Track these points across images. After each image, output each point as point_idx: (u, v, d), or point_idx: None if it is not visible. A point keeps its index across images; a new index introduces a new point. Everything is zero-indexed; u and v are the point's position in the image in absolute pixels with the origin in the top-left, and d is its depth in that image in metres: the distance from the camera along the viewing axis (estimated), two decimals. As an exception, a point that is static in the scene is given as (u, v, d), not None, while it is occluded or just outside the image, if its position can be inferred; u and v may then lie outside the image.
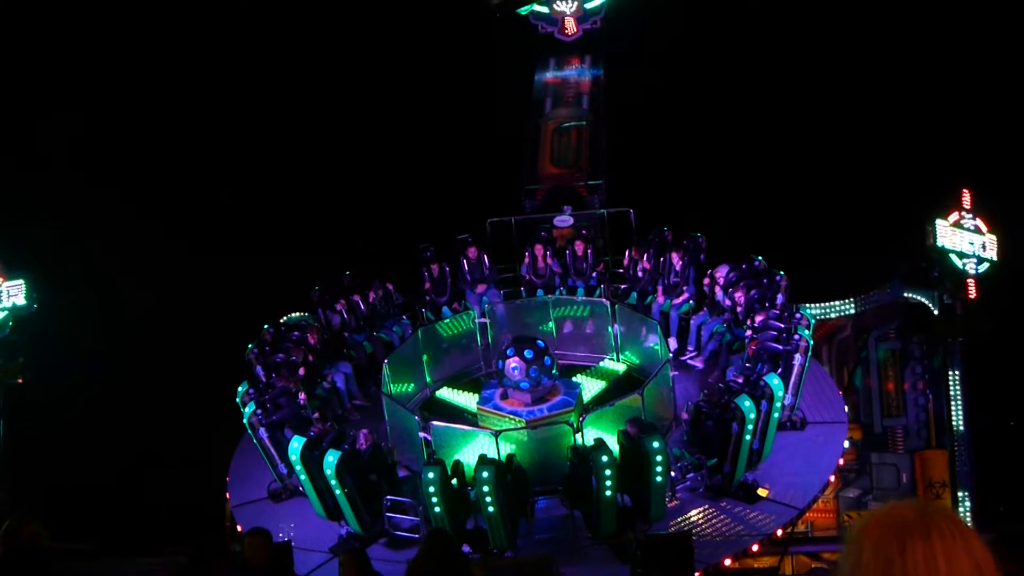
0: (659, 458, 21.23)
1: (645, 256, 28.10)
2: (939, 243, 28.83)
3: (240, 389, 25.05)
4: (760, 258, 26.64)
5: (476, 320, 27.91)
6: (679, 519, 22.32)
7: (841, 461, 25.30)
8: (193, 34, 39.15)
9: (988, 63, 35.11)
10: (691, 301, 27.61)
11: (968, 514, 27.40)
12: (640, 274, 28.19)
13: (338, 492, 22.32)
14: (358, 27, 39.89)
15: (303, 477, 22.88)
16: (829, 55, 36.44)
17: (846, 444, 25.56)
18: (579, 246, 28.61)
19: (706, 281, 27.10)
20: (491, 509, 21.09)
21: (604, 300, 27.75)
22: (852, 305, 29.71)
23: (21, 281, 29.67)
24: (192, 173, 37.04)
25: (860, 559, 2.85)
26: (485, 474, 21.00)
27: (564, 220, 30.27)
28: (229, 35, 38.72)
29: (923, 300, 29.35)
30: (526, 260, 28.87)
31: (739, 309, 25.71)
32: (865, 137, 35.04)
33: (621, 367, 26.90)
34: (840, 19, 37.41)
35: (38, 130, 36.20)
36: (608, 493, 21.11)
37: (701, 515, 22.63)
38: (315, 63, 39.12)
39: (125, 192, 35.97)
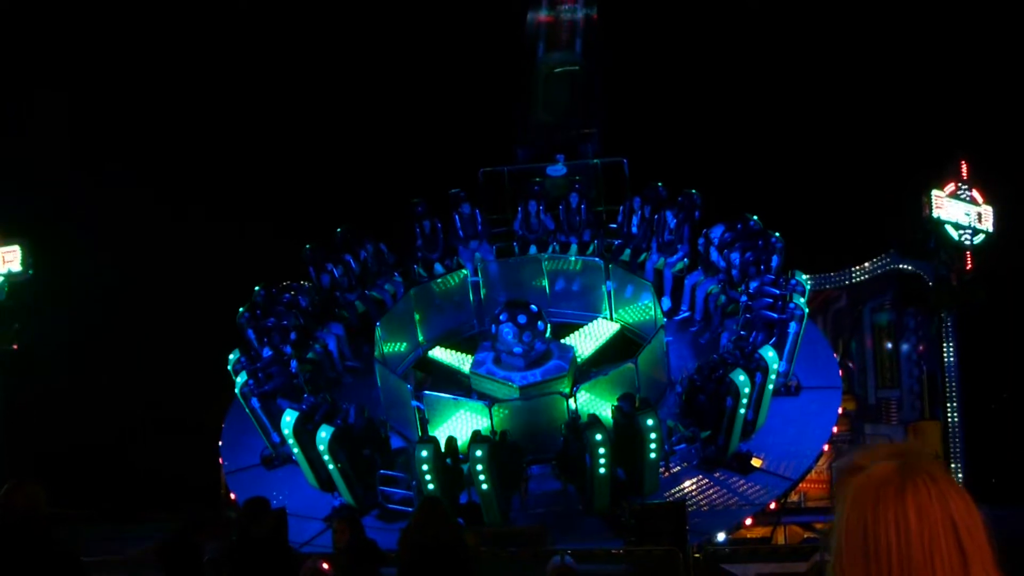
0: (653, 435, 21.24)
1: (640, 212, 27.93)
2: (935, 214, 28.80)
3: (232, 357, 24.99)
4: (756, 218, 26.45)
5: (469, 278, 27.79)
6: (673, 490, 22.34)
7: (835, 429, 25.30)
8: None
9: (985, 35, 35.01)
10: (685, 259, 27.42)
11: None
12: (634, 230, 28.03)
13: (331, 467, 22.33)
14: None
15: (296, 450, 22.91)
16: (830, 27, 36.30)
17: (840, 411, 25.52)
18: (572, 200, 28.40)
19: (700, 241, 26.92)
20: (485, 487, 21.12)
21: (597, 258, 27.60)
22: (847, 275, 29.69)
23: (17, 247, 29.61)
24: (182, 137, 36.88)
25: (841, 517, 2.84)
26: (479, 452, 21.01)
27: (557, 170, 30.00)
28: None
29: (918, 271, 29.35)
30: (519, 215, 28.74)
31: (734, 270, 25.58)
32: (862, 108, 34.95)
33: (615, 326, 26.83)
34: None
35: (34, 98, 36.07)
36: (602, 471, 21.13)
37: (695, 486, 22.65)
38: (299, 16, 38.91)
39: (119, 159, 35.90)
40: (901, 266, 29.43)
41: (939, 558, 2.71)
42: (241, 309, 26.27)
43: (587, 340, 26.39)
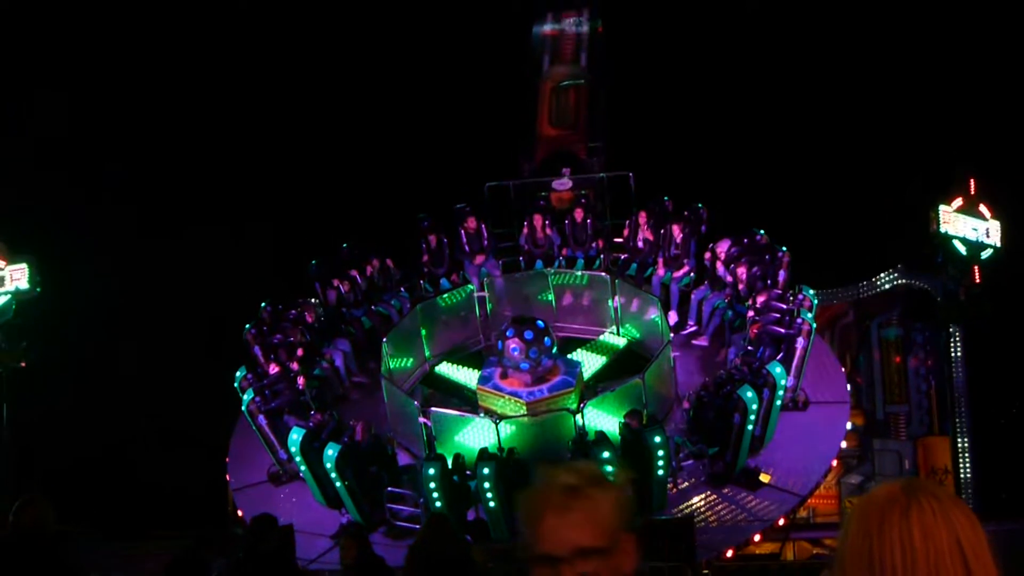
0: (661, 452, 21.19)
1: (646, 226, 27.89)
2: (943, 229, 28.74)
3: (238, 374, 24.94)
4: (762, 232, 26.38)
5: (475, 293, 27.73)
6: (682, 506, 22.27)
7: (843, 444, 25.21)
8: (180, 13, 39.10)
9: (993, 50, 35.00)
10: (692, 274, 27.40)
11: (970, 501, 27.30)
12: (640, 244, 27.98)
13: (338, 484, 22.27)
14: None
15: (303, 468, 22.84)
16: (838, 42, 36.28)
17: (848, 426, 25.44)
18: (578, 214, 28.30)
19: (707, 255, 26.86)
20: (492, 504, 21.05)
21: (603, 273, 27.53)
22: (855, 291, 29.64)
23: (24, 265, 29.60)
24: (188, 154, 36.92)
25: (846, 539, 2.88)
26: (486, 471, 20.95)
27: (563, 184, 29.89)
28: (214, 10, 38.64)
29: (926, 286, 29.28)
30: (525, 230, 28.64)
31: (741, 286, 25.51)
32: (870, 123, 34.91)
33: (621, 341, 26.76)
34: (850, 3, 37.27)
35: (41, 116, 36.10)
36: (610, 489, 21.00)
37: (703, 502, 22.59)
38: (305, 34, 38.94)
39: (126, 178, 35.95)
40: (909, 281, 29.37)
41: None
42: (247, 326, 26.24)
43: (593, 356, 26.35)
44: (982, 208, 29.26)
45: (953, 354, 28.75)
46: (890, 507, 2.84)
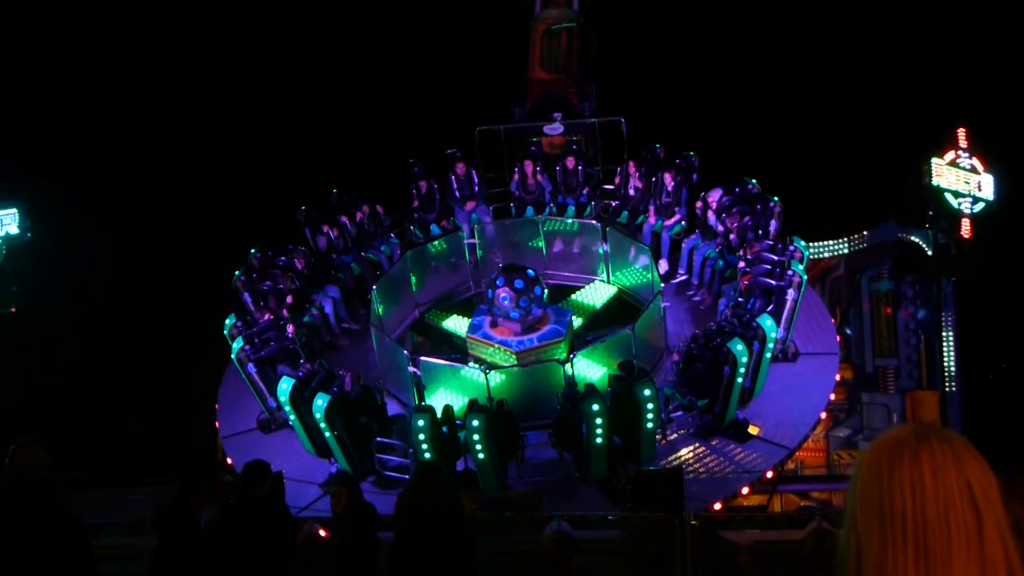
0: (650, 405, 21.15)
1: (637, 174, 27.80)
2: (934, 182, 28.71)
3: (228, 322, 24.85)
4: (754, 181, 26.27)
5: (465, 240, 27.65)
6: (670, 458, 22.28)
7: (832, 396, 25.22)
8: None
9: (987, 3, 34.85)
10: (683, 222, 27.32)
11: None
12: (632, 192, 27.89)
13: (328, 435, 22.21)
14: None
15: (292, 418, 22.78)
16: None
17: (837, 378, 25.43)
18: (570, 161, 28.17)
19: (698, 204, 26.74)
20: (481, 456, 21.04)
21: (594, 221, 27.42)
22: (846, 244, 29.59)
23: (14, 210, 29.56)
24: (178, 100, 36.73)
25: (857, 481, 2.94)
26: (475, 422, 20.89)
27: (554, 128, 29.78)
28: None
29: (917, 240, 29.26)
30: (515, 176, 28.55)
31: (732, 236, 25.43)
32: (864, 75, 34.80)
33: (612, 289, 26.74)
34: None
35: (34, 63, 35.89)
36: (599, 440, 21.05)
37: (692, 454, 22.58)
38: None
39: (118, 122, 35.78)
40: (901, 235, 29.34)
41: (954, 518, 2.81)
42: (237, 272, 26.12)
43: (584, 303, 26.32)
44: (974, 162, 29.23)
45: (943, 308, 28.80)
46: (900, 449, 2.89)
